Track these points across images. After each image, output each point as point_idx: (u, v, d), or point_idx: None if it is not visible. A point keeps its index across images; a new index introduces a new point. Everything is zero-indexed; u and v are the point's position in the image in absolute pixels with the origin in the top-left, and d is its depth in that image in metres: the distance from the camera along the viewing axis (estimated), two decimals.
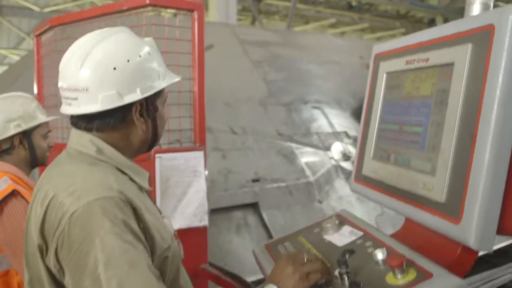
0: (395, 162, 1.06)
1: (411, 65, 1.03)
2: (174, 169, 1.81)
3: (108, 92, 0.96)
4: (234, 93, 4.38)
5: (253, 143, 3.92)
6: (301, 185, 3.83)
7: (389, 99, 1.14)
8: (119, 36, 1.02)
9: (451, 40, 0.92)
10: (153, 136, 1.08)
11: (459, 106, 0.86)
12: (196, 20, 1.91)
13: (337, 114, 4.93)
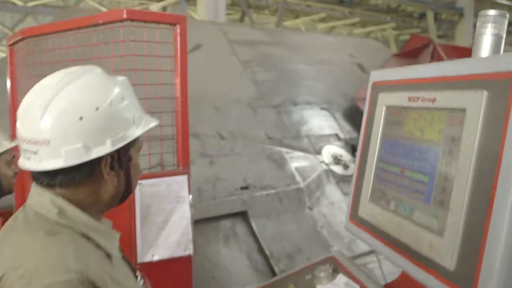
0: (395, 210, 0.96)
1: (415, 103, 0.92)
2: (156, 196, 1.70)
3: (73, 145, 0.84)
4: (223, 95, 4.25)
5: (242, 148, 3.80)
6: (291, 192, 3.73)
7: (388, 136, 1.03)
8: (87, 79, 0.89)
9: (462, 82, 0.82)
10: (126, 188, 0.96)
11: (473, 160, 0.76)
12: (179, 34, 1.78)
13: (327, 116, 4.83)
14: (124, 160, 0.92)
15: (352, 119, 4.97)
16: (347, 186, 4.18)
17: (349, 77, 5.59)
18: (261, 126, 4.19)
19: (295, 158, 4.03)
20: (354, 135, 4.80)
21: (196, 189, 3.33)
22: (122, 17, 1.70)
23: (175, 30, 1.85)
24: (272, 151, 3.94)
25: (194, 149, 3.56)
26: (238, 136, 3.91)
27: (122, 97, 0.91)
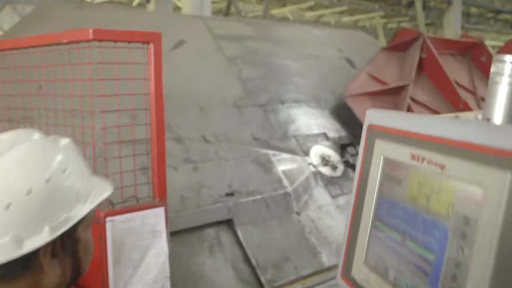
0: (395, 283, 0.84)
1: (419, 164, 0.80)
2: (130, 232, 1.57)
3: (0, 239, 0.68)
4: (208, 95, 4.10)
5: (227, 152, 3.67)
6: (278, 197, 3.61)
7: (387, 193, 0.91)
8: (19, 151, 0.72)
9: (478, 153, 0.69)
10: (74, 274, 0.81)
11: (494, 252, 0.64)
12: (153, 54, 1.62)
13: (315, 114, 4.71)
14: (69, 244, 0.77)
15: (340, 117, 4.85)
16: (335, 189, 4.08)
17: (337, 72, 5.46)
18: (247, 127, 4.05)
19: (282, 160, 3.91)
20: (343, 134, 4.69)
21: (179, 197, 3.20)
22: (88, 37, 1.54)
23: (149, 49, 1.69)
24: (259, 154, 3.81)
25: (177, 155, 3.42)
26: (223, 138, 3.77)
27: (64, 169, 0.75)
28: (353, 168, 4.39)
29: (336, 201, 3.98)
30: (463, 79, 6.64)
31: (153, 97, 1.78)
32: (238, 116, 4.09)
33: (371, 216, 0.97)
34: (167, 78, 3.98)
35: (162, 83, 1.81)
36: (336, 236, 3.71)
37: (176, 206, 3.13)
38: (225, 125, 3.93)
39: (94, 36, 1.54)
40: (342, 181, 4.20)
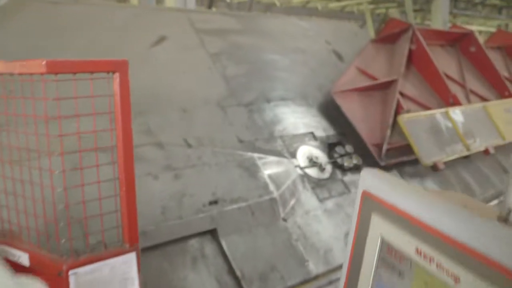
0: None
1: (427, 264, 0.66)
2: (97, 283, 1.41)
3: None
4: (190, 95, 3.92)
5: (211, 157, 3.51)
6: (264, 203, 3.48)
7: (385, 281, 0.77)
8: None
9: (501, 277, 0.55)
10: None
11: None
12: (119, 84, 1.45)
13: (303, 112, 4.56)
14: None
15: (328, 114, 4.71)
16: (323, 192, 3.96)
17: (325, 66, 5.31)
18: (232, 128, 3.89)
19: (268, 164, 3.77)
20: (331, 132, 4.56)
21: (160, 207, 3.05)
22: (41, 70, 1.36)
23: (114, 79, 1.51)
24: (244, 158, 3.66)
25: (158, 162, 3.26)
26: (207, 142, 3.61)
27: None
28: (341, 169, 4.27)
29: (323, 204, 3.86)
30: (452, 70, 6.53)
31: (121, 134, 1.60)
32: (222, 117, 3.93)
33: None
34: (147, 78, 3.81)
35: (130, 117, 1.64)
36: (323, 242, 3.61)
37: (157, 218, 2.98)
38: (209, 127, 3.77)
39: (49, 69, 1.35)
40: (330, 183, 4.08)
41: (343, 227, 3.80)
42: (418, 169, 4.83)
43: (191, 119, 3.73)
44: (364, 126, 4.65)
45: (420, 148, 4.60)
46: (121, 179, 1.64)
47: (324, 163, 4.14)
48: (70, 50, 3.51)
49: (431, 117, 5.07)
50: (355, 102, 4.89)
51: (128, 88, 1.54)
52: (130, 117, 1.62)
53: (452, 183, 5.01)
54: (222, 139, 3.74)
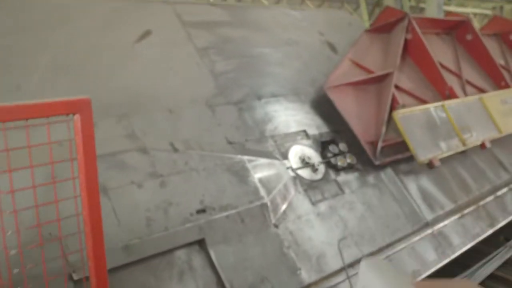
0: None
1: None
2: None
3: None
4: (177, 94, 3.73)
5: (198, 161, 3.35)
6: (254, 210, 3.34)
7: None
8: None
9: None
10: None
11: None
12: (81, 127, 1.26)
13: (295, 109, 4.39)
14: None
15: (321, 110, 4.55)
16: (316, 194, 3.83)
17: (318, 59, 5.12)
18: (221, 129, 3.72)
19: (259, 166, 3.62)
20: (324, 130, 4.40)
21: (144, 219, 2.90)
22: None
23: (75, 121, 1.32)
24: (233, 161, 3.50)
25: (142, 169, 3.10)
26: (194, 145, 3.45)
27: None
28: (334, 169, 4.13)
29: (316, 208, 3.73)
30: (448, 60, 6.37)
31: (85, 183, 1.42)
32: (210, 117, 3.75)
33: None
34: (131, 77, 3.61)
35: (95, 163, 1.45)
36: (316, 249, 3.48)
37: (141, 231, 2.83)
38: (196, 128, 3.60)
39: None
40: (323, 184, 3.94)
41: (336, 231, 3.68)
42: (413, 166, 4.71)
43: (177, 120, 3.55)
44: (358, 123, 4.50)
45: (415, 145, 4.47)
46: (88, 249, 1.45)
47: (317, 163, 3.99)
48: (45, 50, 3.30)
49: (426, 111, 4.92)
50: (349, 97, 4.73)
51: (92, 130, 1.34)
52: (95, 163, 1.43)
53: (448, 180, 4.90)
54: (211, 142, 3.57)
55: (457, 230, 4.46)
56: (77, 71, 3.35)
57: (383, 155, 4.42)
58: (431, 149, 4.62)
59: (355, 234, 3.77)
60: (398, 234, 4.03)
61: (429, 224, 4.32)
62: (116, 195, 2.88)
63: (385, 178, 4.40)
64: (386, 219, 4.04)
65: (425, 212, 4.36)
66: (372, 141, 4.47)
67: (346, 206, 3.91)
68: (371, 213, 4.00)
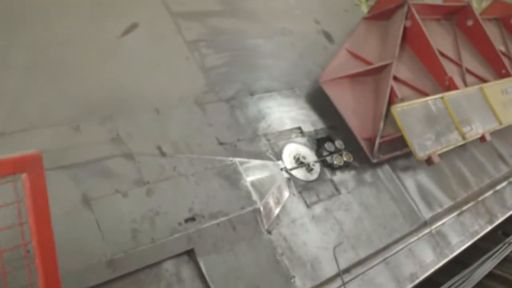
0: None
1: None
2: None
3: None
4: (165, 92, 3.55)
5: (187, 165, 3.19)
6: (246, 216, 3.20)
7: None
8: None
9: None
10: None
11: None
12: (30, 188, 1.08)
13: (289, 105, 4.21)
14: None
15: (317, 105, 4.38)
16: (311, 195, 3.69)
17: (314, 49, 4.92)
18: (211, 129, 3.55)
19: (251, 169, 3.46)
20: (320, 126, 4.24)
21: (130, 230, 2.75)
22: None
23: (24, 181, 1.12)
24: (224, 164, 3.34)
25: (127, 176, 2.94)
26: (183, 148, 3.28)
27: None
28: (330, 168, 3.98)
29: (311, 210, 3.60)
30: (448, 48, 6.17)
31: (38, 249, 1.23)
32: (200, 117, 3.58)
33: None
34: (116, 75, 3.41)
35: (50, 228, 1.27)
36: (311, 254, 3.36)
37: (126, 244, 2.69)
38: (186, 129, 3.43)
39: None
40: (318, 185, 3.80)
41: (332, 234, 3.56)
42: (412, 162, 4.57)
43: (165, 121, 3.38)
44: (355, 118, 4.33)
45: (414, 141, 4.31)
46: None
47: (312, 162, 3.84)
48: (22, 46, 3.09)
49: (425, 104, 4.75)
50: (346, 91, 4.55)
51: (44, 189, 1.15)
52: (49, 227, 1.25)
53: (447, 175, 4.77)
54: (201, 143, 3.40)
55: (455, 229, 4.35)
56: (55, 70, 3.15)
57: (381, 152, 4.27)
58: (430, 144, 4.46)
59: (352, 236, 3.64)
60: (396, 235, 3.91)
61: (427, 223, 4.20)
62: (100, 206, 2.72)
63: (382, 176, 4.25)
64: (383, 220, 3.91)
65: (423, 211, 4.23)
66: (369, 138, 4.31)
67: (342, 207, 3.78)
68: (368, 213, 3.87)
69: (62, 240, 2.55)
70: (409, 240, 3.96)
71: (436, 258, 3.98)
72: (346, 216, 3.73)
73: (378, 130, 4.29)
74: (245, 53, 4.33)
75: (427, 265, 3.88)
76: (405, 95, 4.85)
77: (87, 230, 2.63)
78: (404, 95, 4.83)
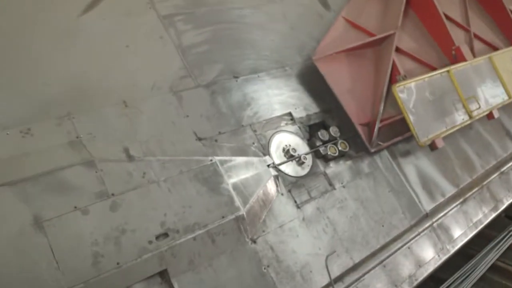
0: None
1: None
2: None
3: None
4: (134, 82, 3.09)
5: (159, 170, 2.79)
6: (227, 225, 2.84)
7: None
8: None
9: None
10: None
11: None
12: None
13: (279, 87, 3.76)
14: None
15: (310, 85, 3.92)
16: (301, 193, 3.32)
17: (307, 19, 4.39)
18: (188, 122, 3.12)
19: (234, 168, 3.07)
20: (313, 110, 3.81)
21: (90, 255, 2.39)
22: None
23: None
24: (202, 165, 2.94)
25: (87, 188, 2.56)
26: (154, 149, 2.87)
27: None
28: (324, 159, 3.60)
29: (302, 211, 3.24)
30: (455, 10, 5.62)
31: None
32: (176, 108, 3.14)
33: None
34: (75, 62, 2.94)
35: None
36: (300, 263, 3.04)
37: (87, 271, 2.33)
38: (158, 124, 3.00)
39: None
40: (310, 180, 3.42)
41: (324, 238, 3.22)
42: (413, 146, 4.18)
43: (134, 116, 2.94)
44: (352, 100, 3.90)
45: (417, 124, 3.90)
46: None
47: (304, 155, 3.44)
48: None
49: (430, 80, 4.30)
50: (342, 68, 4.08)
51: None
52: None
53: (450, 159, 4.40)
54: (175, 140, 2.99)
55: (458, 220, 4.03)
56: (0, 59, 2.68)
57: (380, 138, 3.87)
58: (434, 126, 4.06)
59: (346, 238, 3.31)
60: (394, 232, 3.58)
61: (429, 216, 3.88)
62: (54, 228, 2.35)
63: (381, 165, 3.88)
64: (381, 216, 3.58)
65: (424, 202, 3.89)
66: (367, 122, 3.90)
67: (336, 204, 3.42)
68: (365, 210, 3.52)
69: (8, 270, 2.21)
70: (408, 236, 3.65)
71: (437, 255, 3.69)
72: (341, 215, 3.39)
73: (378, 114, 3.87)
74: (229, 26, 3.82)
75: (427, 264, 3.59)
76: (408, 70, 4.38)
77: (39, 258, 2.27)
78: (407, 70, 4.36)
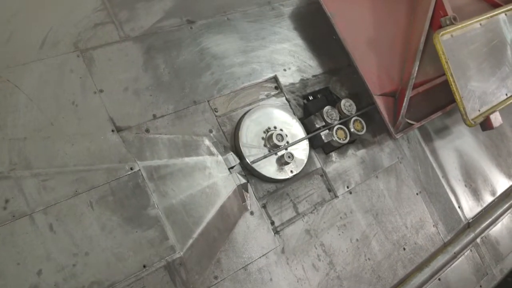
0: None
1: None
2: None
3: None
4: (8, 34, 1.87)
5: (36, 194, 1.66)
6: (152, 279, 1.76)
7: None
8: None
9: None
10: None
11: None
12: None
13: (261, 35, 2.49)
14: None
15: (309, 33, 2.63)
16: (282, 208, 2.19)
17: None
18: (101, 101, 1.93)
19: (171, 179, 1.92)
20: (311, 72, 2.56)
21: None
22: None
23: None
24: (115, 181, 1.80)
25: None
26: (32, 155, 1.72)
27: None
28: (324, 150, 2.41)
29: (281, 238, 2.13)
30: None
31: None
32: (81, 77, 1.94)
33: None
34: None
35: None
36: None
37: None
38: (46, 109, 1.83)
39: None
40: (299, 185, 2.27)
41: (314, 278, 2.13)
42: (454, 121, 2.95)
43: (3, 95, 1.77)
44: (372, 57, 2.61)
45: (466, 95, 2.63)
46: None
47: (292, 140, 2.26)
48: None
49: (489, 24, 2.95)
50: (360, 6, 2.74)
51: None
52: None
53: (507, 136, 3.15)
54: (73, 135, 1.83)
55: (511, 231, 2.89)
56: None
57: (409, 115, 2.62)
58: (490, 95, 2.79)
59: (347, 276, 2.22)
60: (420, 256, 2.48)
61: (471, 226, 2.74)
62: None
63: (408, 153, 2.68)
64: (403, 234, 2.45)
65: (466, 206, 2.74)
66: (393, 91, 2.63)
67: (336, 222, 2.29)
68: (379, 227, 2.40)
69: None
70: (440, 261, 2.54)
71: (479, 287, 2.60)
72: (342, 239, 2.27)
73: (410, 77, 2.59)
74: None
75: None
76: (458, 8, 2.99)
77: None
78: (457, 8, 2.97)
